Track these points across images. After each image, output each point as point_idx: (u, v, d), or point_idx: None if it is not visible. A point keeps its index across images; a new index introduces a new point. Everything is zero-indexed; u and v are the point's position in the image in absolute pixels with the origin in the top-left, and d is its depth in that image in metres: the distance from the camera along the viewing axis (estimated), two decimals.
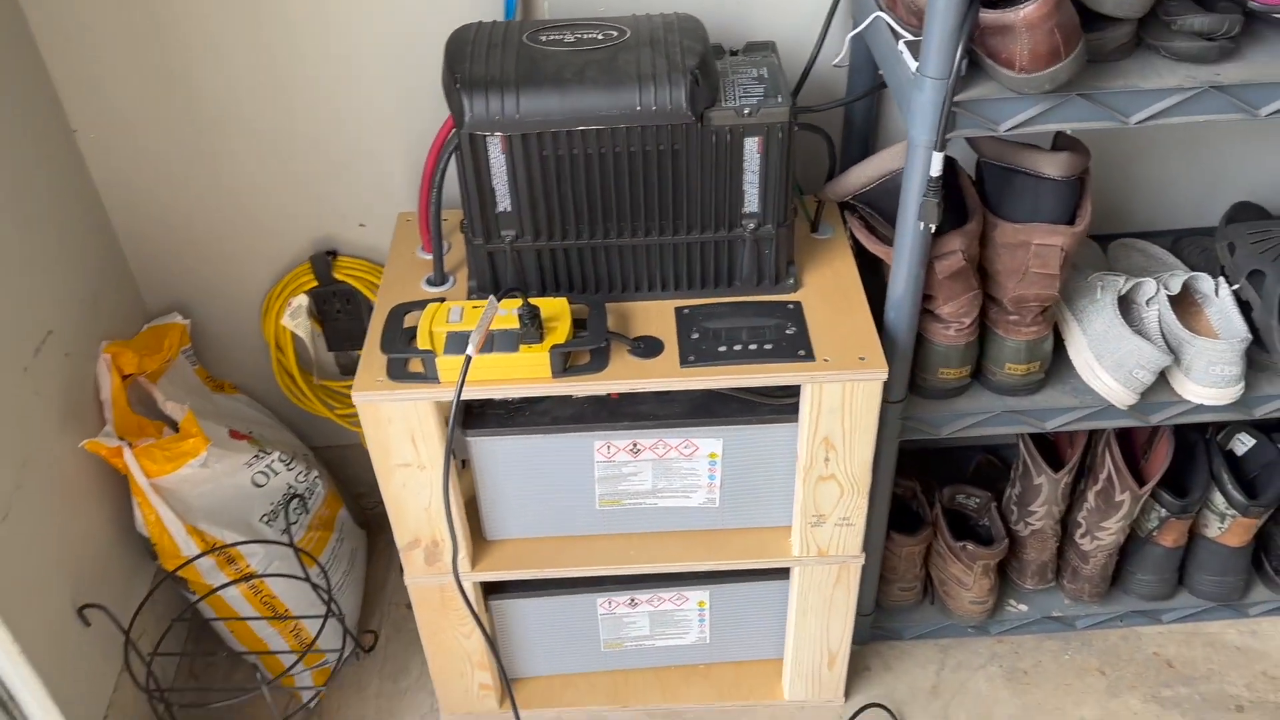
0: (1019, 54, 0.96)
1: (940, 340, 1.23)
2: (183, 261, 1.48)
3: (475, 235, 1.16)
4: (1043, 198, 1.17)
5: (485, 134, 1.08)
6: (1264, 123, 1.42)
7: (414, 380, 1.12)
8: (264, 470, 1.46)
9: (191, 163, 1.39)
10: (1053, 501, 1.44)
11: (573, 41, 1.11)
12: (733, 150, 1.11)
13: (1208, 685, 1.52)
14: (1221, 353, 1.23)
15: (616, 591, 1.40)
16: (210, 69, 1.31)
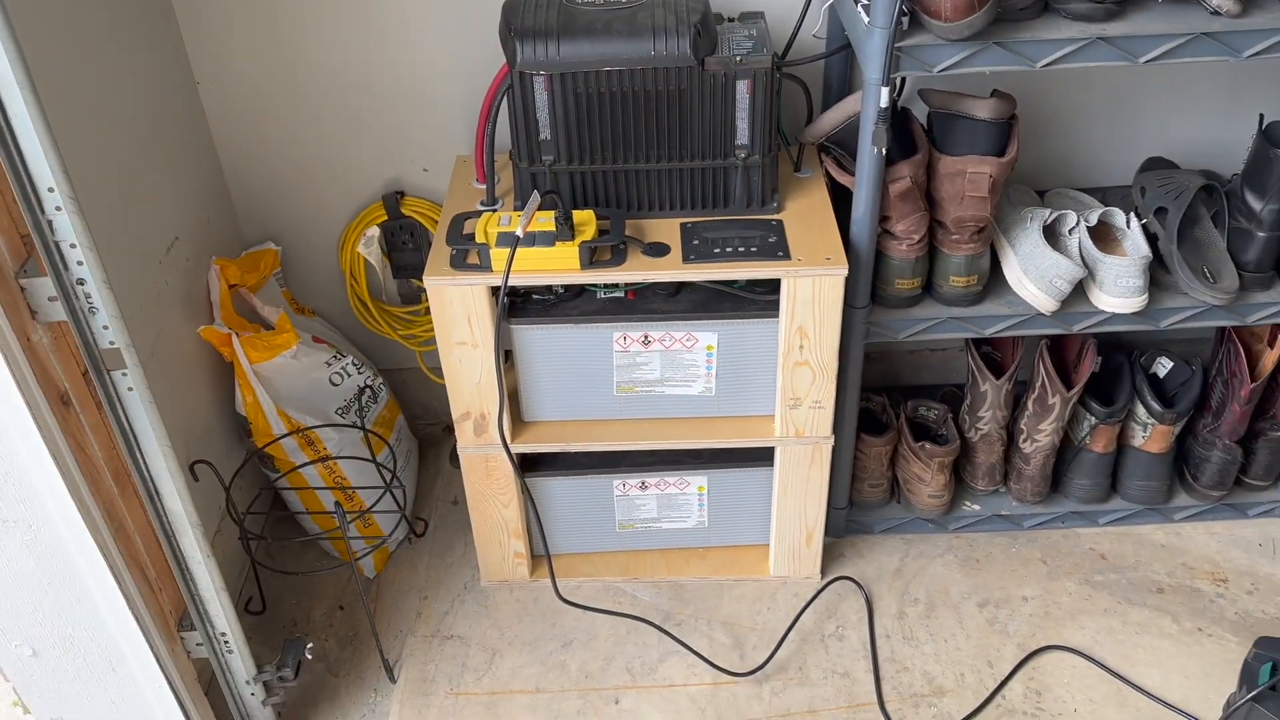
0: (944, 7, 1.26)
1: (896, 255, 1.52)
2: (275, 198, 1.79)
3: (521, 159, 1.46)
4: (977, 136, 1.46)
5: (533, 73, 1.38)
6: (1172, 92, 1.71)
7: (471, 270, 1.42)
8: (340, 371, 1.75)
9: (289, 115, 1.71)
10: (997, 406, 1.71)
11: (602, 3, 1.42)
12: (727, 91, 1.41)
13: (1134, 573, 1.78)
14: (1127, 267, 1.51)
15: (630, 475, 1.68)
16: (312, 34, 1.63)
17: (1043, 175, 1.78)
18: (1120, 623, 1.69)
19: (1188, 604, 1.72)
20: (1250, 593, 1.74)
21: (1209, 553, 1.81)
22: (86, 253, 1.09)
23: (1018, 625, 1.70)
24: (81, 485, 1.19)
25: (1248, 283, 1.56)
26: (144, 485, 1.27)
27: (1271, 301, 1.57)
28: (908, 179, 1.44)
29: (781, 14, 1.60)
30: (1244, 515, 1.84)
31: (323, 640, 1.71)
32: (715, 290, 1.51)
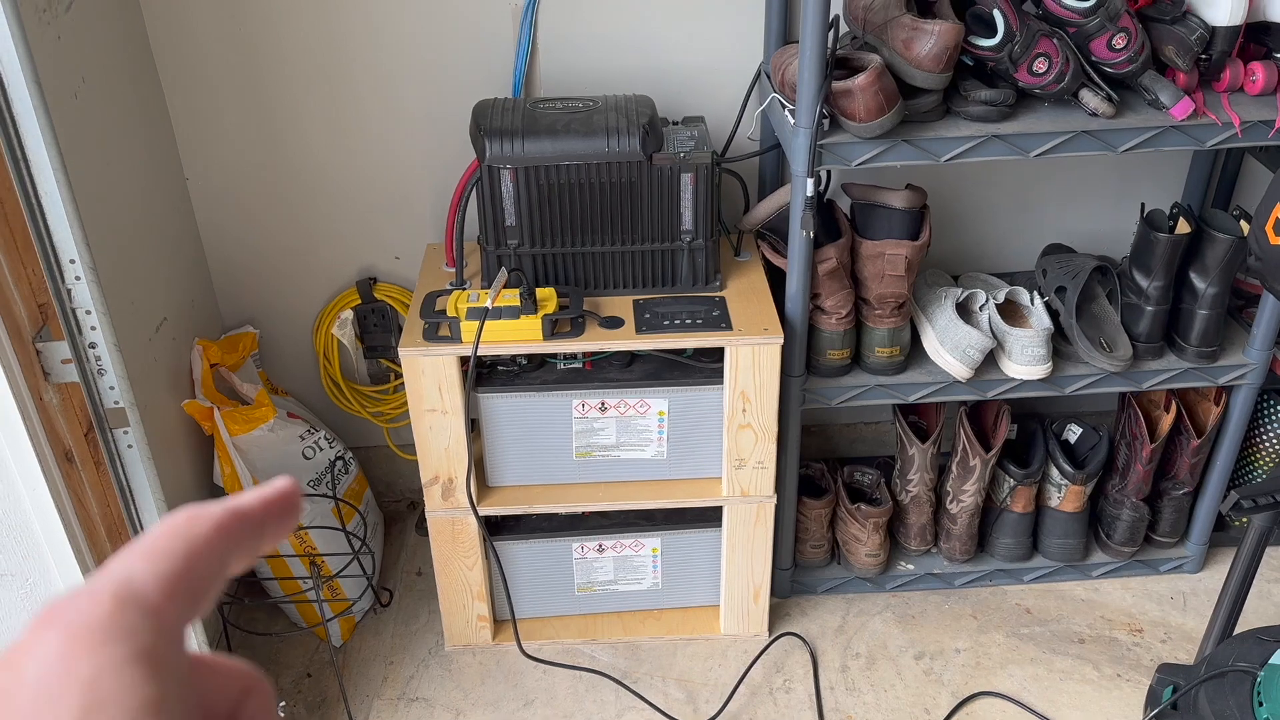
0: (858, 109, 1.45)
1: (826, 327, 1.69)
2: (255, 283, 1.92)
3: (489, 243, 1.62)
4: (894, 223, 1.65)
5: (500, 167, 1.55)
6: (1067, 186, 1.93)
7: (443, 341, 1.56)
8: (313, 445, 1.86)
9: (270, 207, 1.85)
10: (924, 470, 1.86)
11: (561, 107, 1.60)
12: (673, 183, 1.59)
13: (1057, 625, 1.91)
14: (1031, 339, 1.69)
15: (588, 537, 1.80)
16: (293, 135, 1.79)
17: (956, 261, 1.98)
18: (1045, 670, 1.82)
19: (1107, 652, 1.85)
20: (1164, 641, 1.88)
21: (1125, 606, 1.95)
22: (101, 318, 1.21)
23: (951, 675, 1.81)
24: (81, 539, 1.29)
25: (1140, 352, 1.75)
26: None
27: (1163, 369, 1.75)
28: (834, 260, 1.62)
29: (720, 119, 1.79)
30: (1156, 571, 2.00)
31: (292, 706, 1.78)
32: (666, 360, 1.66)
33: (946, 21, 1.42)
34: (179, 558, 0.27)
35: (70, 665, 0.23)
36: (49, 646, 0.24)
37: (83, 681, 0.23)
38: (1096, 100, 1.49)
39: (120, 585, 0.25)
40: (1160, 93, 1.50)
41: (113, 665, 0.24)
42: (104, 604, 0.25)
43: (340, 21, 1.71)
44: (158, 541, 0.27)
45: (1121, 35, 1.46)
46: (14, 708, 0.23)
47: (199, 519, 0.28)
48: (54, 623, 0.24)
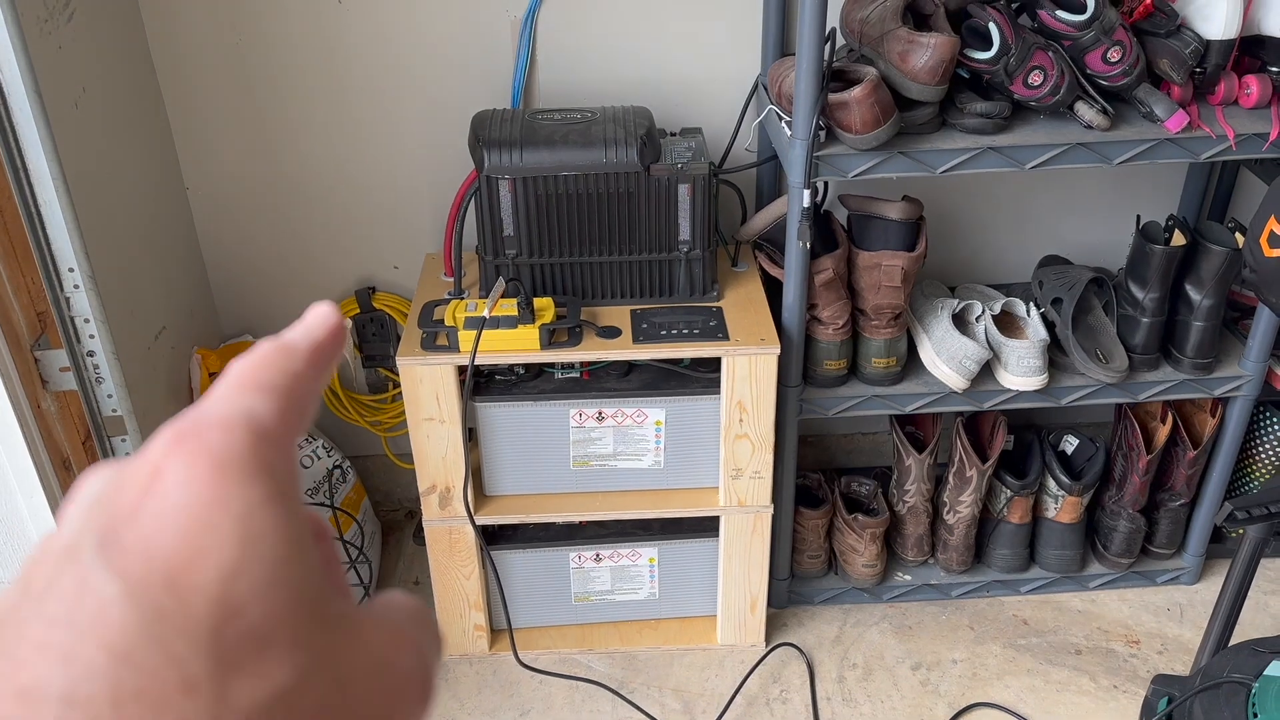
0: (854, 121, 1.46)
1: (823, 338, 1.69)
2: (254, 293, 1.93)
3: (487, 253, 1.63)
4: (890, 234, 1.65)
5: (498, 177, 1.56)
6: (1063, 198, 1.94)
7: (440, 350, 1.56)
8: (310, 454, 1.86)
9: (270, 217, 1.86)
10: (921, 480, 1.87)
11: (560, 118, 1.61)
12: (670, 194, 1.60)
13: (1054, 637, 1.91)
14: (1027, 350, 1.70)
15: (585, 547, 1.80)
16: (292, 145, 1.80)
17: (953, 273, 1.98)
18: (1042, 682, 1.82)
19: (1104, 664, 1.85)
20: (1160, 653, 1.88)
21: (1122, 617, 1.95)
22: (99, 327, 1.22)
23: (948, 686, 1.81)
24: None
25: (1136, 363, 1.75)
26: None
27: (1159, 380, 1.76)
28: (830, 271, 1.63)
29: (718, 130, 1.80)
30: (1152, 582, 2.00)
31: None
32: (663, 369, 1.66)
33: (942, 35, 1.43)
34: (287, 394, 0.26)
35: (222, 497, 0.23)
36: (194, 473, 0.23)
37: (236, 516, 0.23)
38: (1091, 113, 1.50)
39: (251, 420, 0.25)
40: (1155, 105, 1.51)
41: (260, 501, 0.23)
42: (241, 438, 0.24)
43: (340, 32, 1.72)
44: (262, 375, 0.26)
45: (1116, 49, 1.47)
46: (162, 525, 0.23)
47: (290, 352, 0.27)
48: (192, 449, 0.23)
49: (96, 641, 0.21)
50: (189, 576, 0.22)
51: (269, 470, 0.24)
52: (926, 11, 1.50)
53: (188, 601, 0.22)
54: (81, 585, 0.22)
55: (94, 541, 0.23)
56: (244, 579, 0.22)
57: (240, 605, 0.22)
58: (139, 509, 0.23)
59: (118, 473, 0.24)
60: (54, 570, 0.23)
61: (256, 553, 0.23)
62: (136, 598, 0.22)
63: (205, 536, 0.22)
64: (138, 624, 0.21)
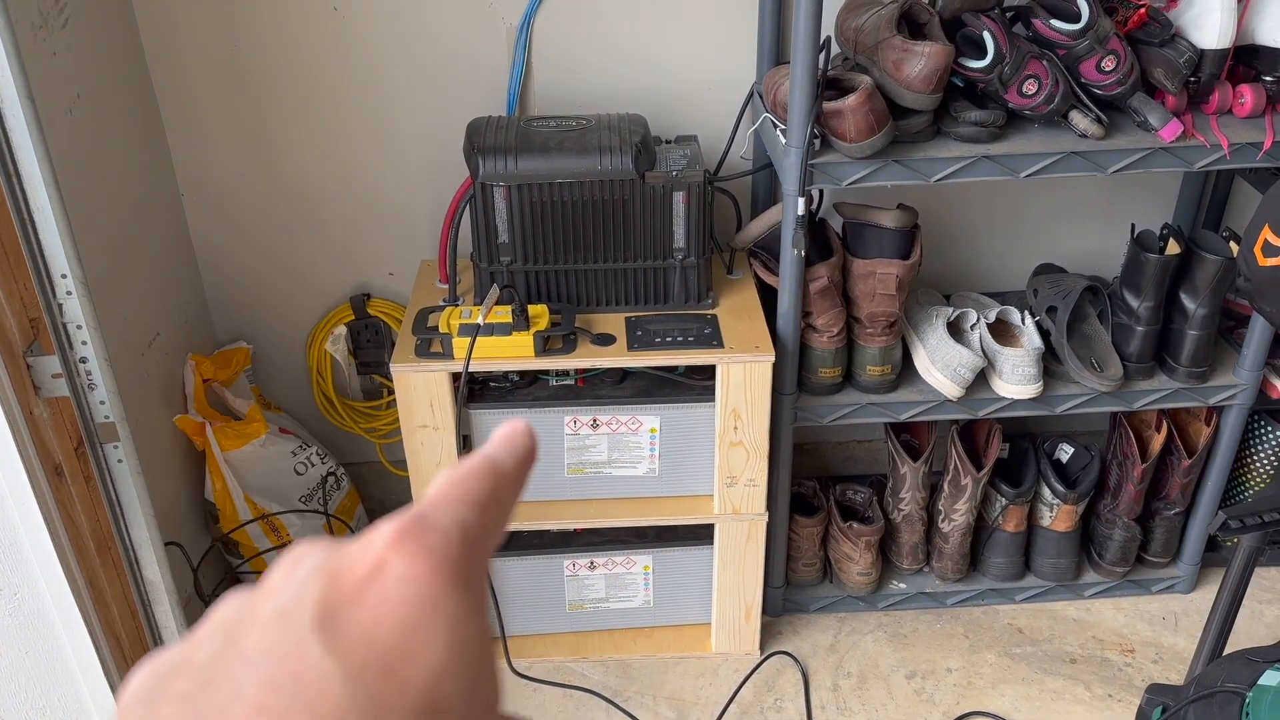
0: (849, 129, 1.46)
1: (818, 346, 1.69)
2: (249, 299, 1.93)
3: (482, 260, 1.63)
4: (885, 242, 1.65)
5: (493, 184, 1.56)
6: (1058, 207, 1.94)
7: (435, 358, 1.56)
8: (304, 460, 1.86)
9: (265, 224, 1.86)
10: (916, 488, 1.87)
11: (555, 125, 1.61)
12: (665, 201, 1.60)
13: (1049, 645, 1.91)
14: (1022, 358, 1.70)
15: (579, 554, 1.80)
16: (288, 152, 1.80)
17: (948, 280, 1.99)
18: (1037, 691, 1.81)
19: (1098, 673, 1.85)
20: (1155, 661, 1.88)
21: (1117, 626, 1.95)
22: (91, 333, 1.22)
23: (943, 695, 1.81)
24: (69, 553, 1.28)
25: (1131, 372, 1.75)
26: (125, 553, 1.36)
27: (1154, 389, 1.76)
28: (825, 279, 1.63)
29: (713, 137, 1.80)
30: (1147, 591, 2.00)
31: None
32: (658, 377, 1.66)
33: (937, 43, 1.43)
34: (493, 511, 0.28)
35: (439, 600, 0.24)
36: (417, 572, 0.24)
37: (450, 620, 0.24)
38: (1086, 121, 1.50)
39: (466, 532, 0.26)
40: (1149, 114, 1.51)
41: (470, 610, 0.25)
42: (458, 547, 0.25)
43: (336, 40, 1.72)
44: (475, 489, 0.28)
45: (1111, 58, 1.47)
46: (383, 615, 0.24)
47: (499, 472, 0.29)
48: (415, 550, 0.25)
49: (318, 716, 0.22)
50: (404, 669, 0.23)
51: (476, 582, 0.26)
52: (921, 20, 1.51)
53: (401, 693, 0.23)
54: (300, 657, 0.23)
55: (312, 615, 0.23)
56: (450, 680, 0.23)
57: (445, 705, 0.23)
58: (361, 595, 0.24)
59: (337, 552, 0.25)
60: (266, 633, 0.23)
61: (463, 657, 0.24)
62: (355, 680, 0.22)
63: (423, 634, 0.24)
64: (354, 705, 0.22)
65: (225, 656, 0.23)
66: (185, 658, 0.24)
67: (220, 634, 0.24)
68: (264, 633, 0.24)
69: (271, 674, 0.23)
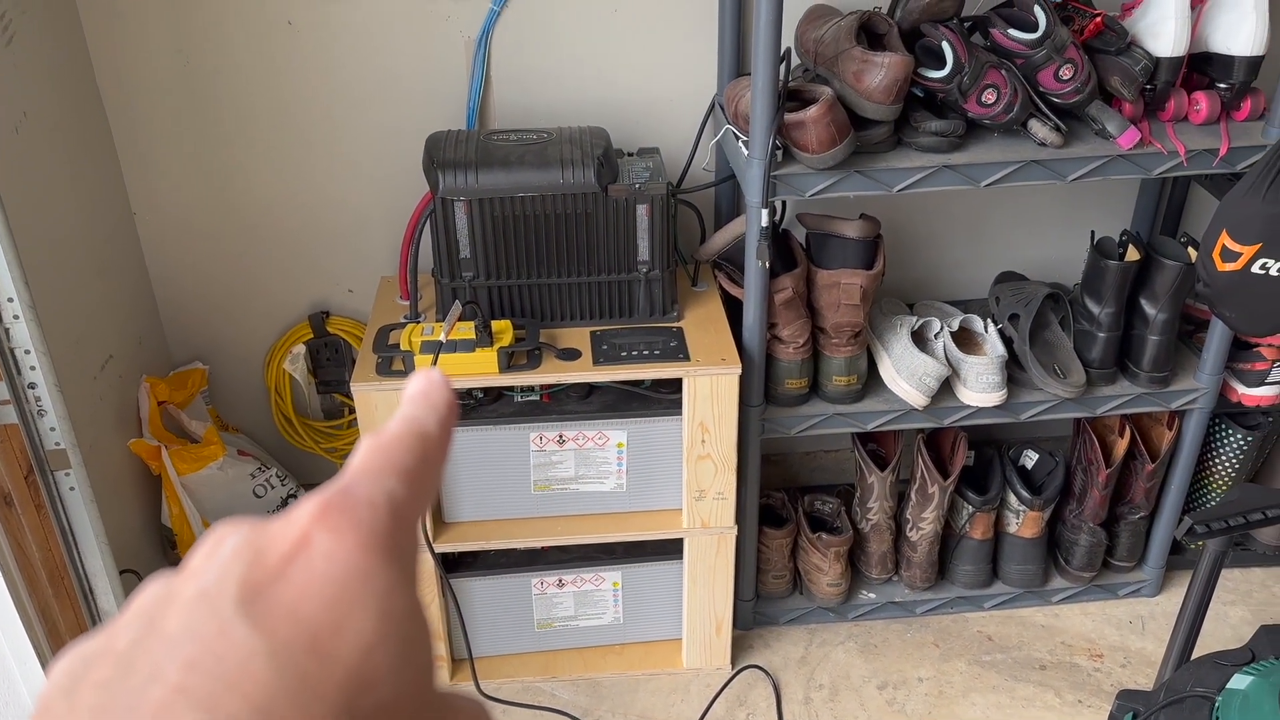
0: (810, 141, 1.46)
1: (784, 357, 1.68)
2: (205, 319, 1.89)
3: (443, 276, 1.60)
4: (848, 253, 1.65)
5: (454, 199, 1.54)
6: (1019, 215, 1.95)
7: (396, 376, 1.54)
8: (264, 483, 1.82)
9: (220, 242, 1.82)
10: (884, 498, 1.86)
11: (516, 139, 1.59)
12: (628, 214, 1.58)
13: (1019, 652, 1.91)
14: (986, 366, 1.70)
15: (548, 572, 1.77)
16: (244, 167, 1.77)
17: (911, 289, 1.99)
18: (1008, 698, 1.82)
19: (1068, 679, 1.86)
20: (1124, 666, 1.89)
21: (1085, 631, 1.96)
22: (40, 358, 1.18)
23: (915, 704, 1.80)
24: (20, 584, 1.24)
25: (1093, 378, 1.76)
26: (79, 583, 1.32)
27: (1116, 394, 1.77)
28: (790, 290, 1.62)
29: (675, 150, 1.80)
30: (1114, 595, 2.01)
31: None
32: (624, 391, 1.64)
33: (896, 54, 1.43)
34: (420, 478, 0.27)
35: (366, 574, 0.23)
36: (342, 547, 0.24)
37: (377, 594, 0.23)
38: (1045, 130, 1.51)
39: (393, 503, 0.25)
40: (1107, 122, 1.52)
41: (398, 582, 0.24)
42: (385, 519, 0.25)
43: (290, 54, 1.69)
44: (400, 458, 0.27)
45: (1068, 66, 1.48)
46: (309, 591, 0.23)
47: (424, 436, 0.28)
48: (340, 524, 0.24)
49: (240, 696, 0.21)
50: (331, 645, 0.22)
51: (406, 553, 0.25)
52: (880, 31, 1.51)
53: (330, 669, 0.22)
54: (223, 636, 0.22)
55: (235, 594, 0.23)
56: (379, 654, 0.23)
57: (374, 679, 0.23)
58: (284, 571, 0.23)
59: (258, 530, 0.25)
60: (188, 614, 0.23)
61: (392, 630, 0.23)
62: (280, 658, 0.22)
63: (349, 608, 0.23)
64: (281, 684, 0.22)
65: (146, 641, 0.23)
66: (106, 645, 0.24)
67: (141, 619, 0.24)
68: (185, 614, 0.23)
69: (193, 654, 0.22)
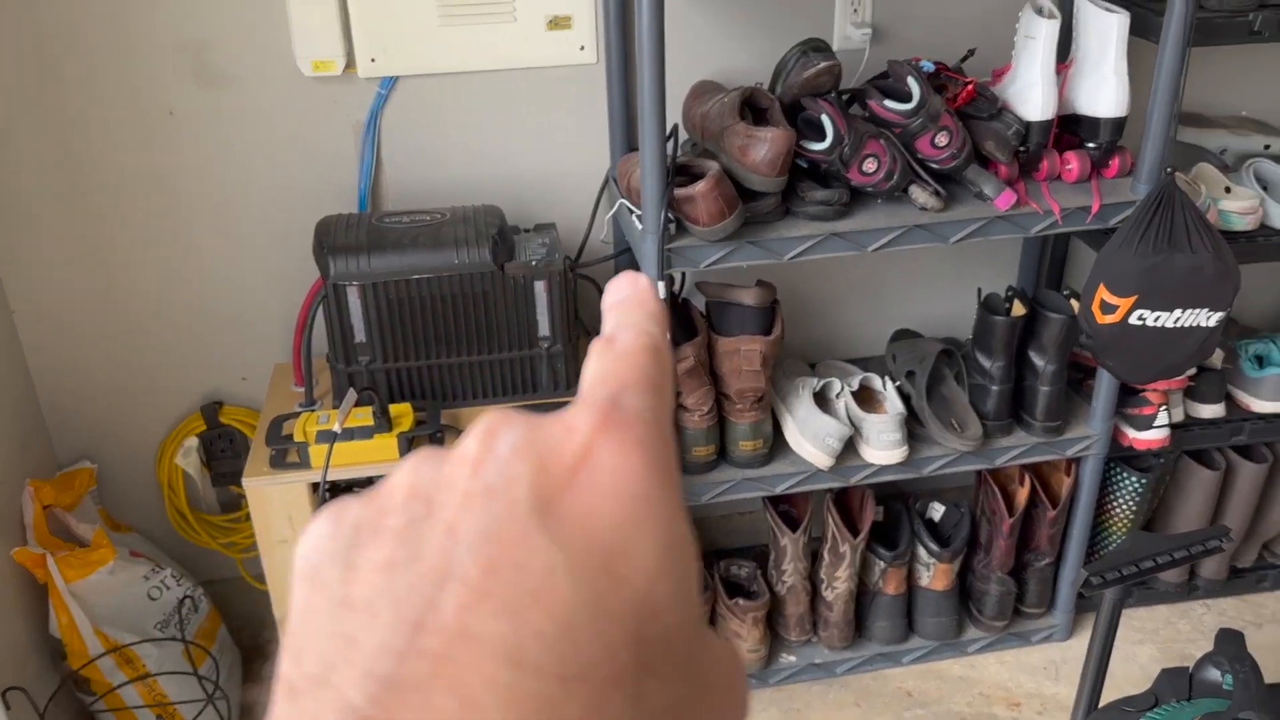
0: (701, 214, 1.48)
1: (690, 425, 1.69)
2: (91, 417, 1.82)
3: (338, 361, 1.57)
4: (747, 319, 1.67)
5: (346, 284, 1.52)
6: (909, 274, 2.00)
7: (291, 468, 1.49)
8: (159, 584, 1.74)
9: (104, 337, 1.76)
10: (797, 559, 1.87)
11: (409, 221, 1.58)
12: (527, 291, 1.58)
13: (939, 706, 1.92)
14: (886, 424, 1.73)
15: None
16: (126, 258, 1.72)
17: (814, 349, 2.02)
18: None
19: None
20: (1040, 713, 1.91)
21: (1001, 680, 1.98)
22: None
23: None
24: None
25: (990, 430, 1.80)
26: None
27: (1013, 445, 1.81)
28: (692, 358, 1.63)
29: (573, 222, 1.80)
30: (1028, 642, 2.03)
31: None
32: None
33: (778, 128, 1.46)
34: (666, 397, 0.26)
35: (651, 497, 0.23)
36: (628, 464, 0.23)
37: (661, 520, 0.23)
38: (925, 195, 1.55)
39: (658, 420, 0.24)
40: (984, 185, 1.57)
41: (677, 509, 0.23)
42: (659, 440, 0.24)
43: (173, 142, 1.66)
44: (653, 376, 0.26)
45: (943, 133, 1.54)
46: (598, 508, 0.22)
47: (659, 349, 0.27)
48: (623, 439, 0.23)
49: (544, 610, 0.20)
50: (623, 567, 0.22)
51: (676, 477, 0.24)
52: (763, 105, 1.54)
53: (620, 592, 0.21)
54: (524, 543, 0.21)
55: (529, 501, 0.22)
56: (663, 583, 0.22)
57: (658, 608, 0.22)
58: (572, 482, 0.22)
59: (535, 430, 0.24)
60: (479, 511, 0.22)
61: (674, 559, 0.23)
62: (578, 575, 0.21)
63: (637, 531, 0.22)
64: (580, 601, 0.21)
65: (428, 528, 0.22)
66: (376, 519, 0.23)
67: (418, 501, 0.23)
68: (474, 510, 0.22)
69: (493, 557, 0.21)
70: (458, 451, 0.24)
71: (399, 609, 0.21)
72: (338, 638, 0.21)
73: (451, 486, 0.23)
